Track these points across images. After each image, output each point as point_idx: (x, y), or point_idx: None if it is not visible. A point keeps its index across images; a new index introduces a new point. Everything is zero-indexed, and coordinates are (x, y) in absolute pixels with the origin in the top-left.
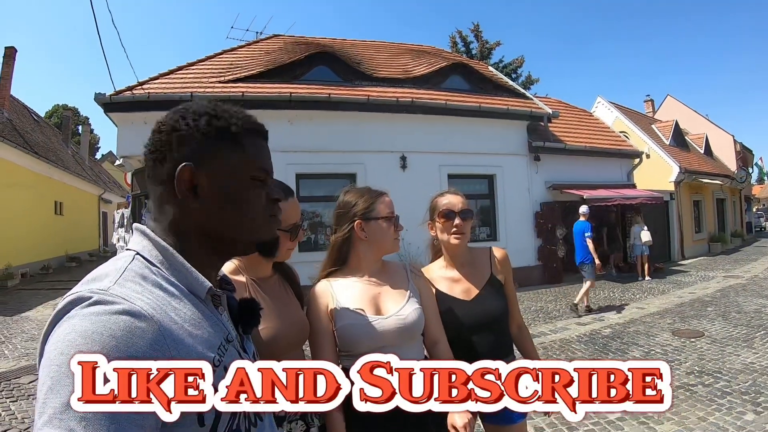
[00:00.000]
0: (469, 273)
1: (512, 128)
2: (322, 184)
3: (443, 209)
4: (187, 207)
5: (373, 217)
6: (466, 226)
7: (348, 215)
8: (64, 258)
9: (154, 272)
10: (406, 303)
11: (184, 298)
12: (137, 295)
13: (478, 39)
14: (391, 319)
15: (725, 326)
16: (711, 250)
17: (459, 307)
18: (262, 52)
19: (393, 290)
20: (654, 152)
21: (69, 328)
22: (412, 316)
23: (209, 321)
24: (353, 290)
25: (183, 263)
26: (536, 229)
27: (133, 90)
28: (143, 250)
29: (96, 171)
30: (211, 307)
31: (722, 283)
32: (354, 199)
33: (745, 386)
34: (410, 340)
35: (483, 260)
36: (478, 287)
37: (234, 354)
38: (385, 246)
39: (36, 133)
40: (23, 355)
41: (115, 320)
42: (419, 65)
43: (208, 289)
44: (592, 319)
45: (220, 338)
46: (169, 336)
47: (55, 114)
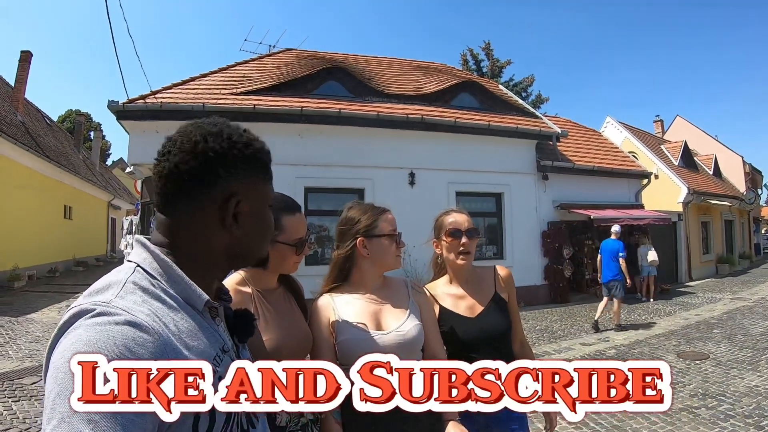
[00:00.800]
0: (473, 290)
1: (521, 147)
2: (330, 198)
3: (450, 228)
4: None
5: (376, 235)
6: (472, 244)
7: (350, 232)
8: (71, 262)
9: (154, 284)
10: (407, 319)
11: (182, 310)
12: (138, 307)
13: (489, 57)
14: (391, 335)
15: (731, 349)
16: (719, 271)
17: (463, 324)
18: (274, 66)
19: (394, 306)
20: (662, 173)
21: (74, 338)
22: (412, 332)
23: (206, 332)
24: (355, 305)
25: (182, 276)
26: (543, 248)
27: (146, 99)
28: (143, 262)
29: (106, 177)
30: (208, 319)
31: (729, 306)
32: (357, 215)
33: (749, 409)
34: (410, 355)
35: (487, 278)
36: (482, 304)
37: (229, 363)
38: (386, 263)
39: (48, 137)
40: (27, 356)
41: (118, 330)
42: (429, 82)
43: (205, 301)
44: (596, 340)
45: (217, 348)
46: (169, 346)
47: (68, 119)
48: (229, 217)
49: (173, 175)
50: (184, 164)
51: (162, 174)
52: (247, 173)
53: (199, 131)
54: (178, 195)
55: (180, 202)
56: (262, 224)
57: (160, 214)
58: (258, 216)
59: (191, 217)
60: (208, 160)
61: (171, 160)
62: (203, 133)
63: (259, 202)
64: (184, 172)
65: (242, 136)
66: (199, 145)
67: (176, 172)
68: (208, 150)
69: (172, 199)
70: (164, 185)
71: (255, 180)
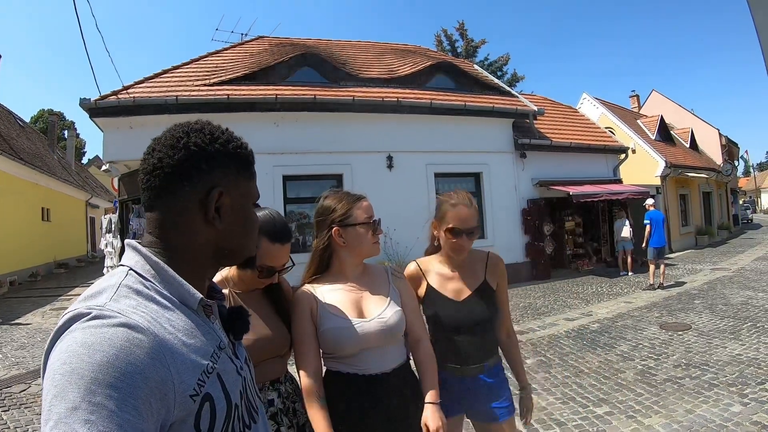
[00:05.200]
0: (463, 274)
1: (498, 126)
2: (309, 186)
3: (451, 226)
4: (209, 227)
5: (351, 224)
6: (471, 243)
7: (326, 222)
8: (52, 264)
9: (148, 286)
10: (388, 306)
11: (177, 310)
12: (132, 309)
13: (464, 37)
14: (373, 322)
15: (712, 319)
16: (698, 242)
17: (448, 306)
18: (246, 54)
19: (375, 293)
20: (640, 147)
21: (71, 341)
22: (393, 318)
23: (202, 330)
24: (336, 294)
25: (174, 277)
26: (524, 225)
27: (118, 94)
28: (136, 265)
29: (83, 176)
30: (203, 317)
31: (709, 276)
32: (332, 204)
33: (732, 378)
34: (392, 341)
35: (479, 264)
36: (469, 289)
37: (226, 360)
38: (364, 251)
39: (22, 139)
40: (14, 364)
41: (113, 332)
42: (404, 65)
43: (199, 300)
44: (580, 315)
45: (213, 346)
46: (165, 346)
47: (41, 119)
48: (211, 210)
49: (157, 170)
50: (167, 158)
51: (147, 170)
52: (229, 167)
53: (182, 128)
54: (163, 191)
55: (165, 198)
56: (245, 219)
57: (148, 213)
58: (240, 211)
59: (177, 213)
60: (190, 154)
61: (155, 155)
62: (186, 129)
63: (241, 198)
64: (167, 165)
65: (224, 133)
66: (181, 140)
67: (159, 166)
68: (190, 144)
69: (157, 195)
70: (149, 181)
71: (237, 175)
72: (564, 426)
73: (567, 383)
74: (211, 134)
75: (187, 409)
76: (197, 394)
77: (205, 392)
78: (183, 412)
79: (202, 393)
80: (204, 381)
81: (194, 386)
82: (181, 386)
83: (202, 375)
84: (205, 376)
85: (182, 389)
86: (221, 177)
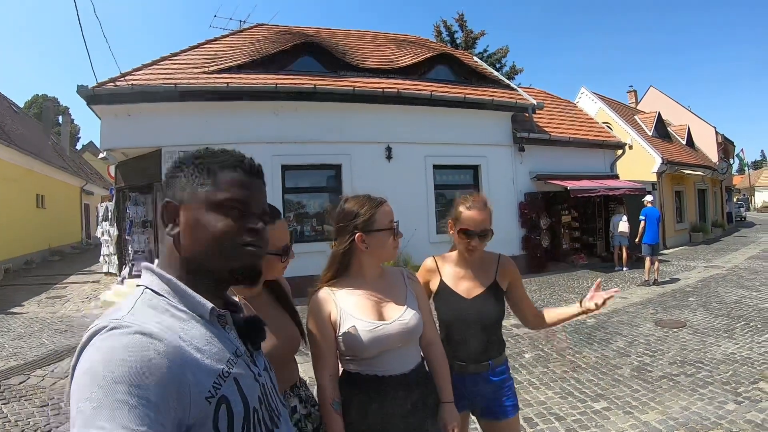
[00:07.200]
0: (475, 274)
1: (497, 119)
2: (307, 175)
3: (464, 227)
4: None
5: (375, 229)
6: (483, 244)
7: (348, 228)
8: (47, 252)
9: (162, 302)
10: (407, 308)
11: (191, 320)
12: (148, 320)
13: (463, 29)
14: (395, 324)
15: (706, 317)
16: (692, 239)
17: (457, 303)
18: (246, 42)
19: (393, 296)
20: (637, 143)
21: (93, 350)
22: (413, 320)
23: (217, 338)
24: (356, 297)
25: (185, 290)
26: (520, 219)
27: (116, 81)
28: (151, 284)
29: (77, 162)
30: (217, 327)
31: (703, 273)
32: (355, 208)
33: (726, 376)
34: (410, 343)
35: (491, 265)
36: (480, 289)
37: (243, 366)
38: (385, 254)
39: (16, 125)
40: (11, 355)
41: (131, 338)
42: (404, 55)
43: (210, 309)
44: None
45: (229, 353)
46: (180, 351)
47: (35, 104)
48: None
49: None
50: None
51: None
52: (184, 178)
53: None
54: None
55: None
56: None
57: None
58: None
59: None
60: (169, 180)
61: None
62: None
63: (191, 202)
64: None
65: (200, 151)
66: (168, 173)
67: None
68: (169, 171)
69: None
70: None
71: (189, 183)
72: (563, 421)
73: (565, 378)
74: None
75: (204, 411)
76: (213, 396)
77: (221, 394)
78: (200, 413)
79: (218, 395)
80: (220, 384)
81: (210, 388)
82: (196, 387)
83: (217, 378)
84: (220, 379)
85: (198, 390)
86: (177, 189)
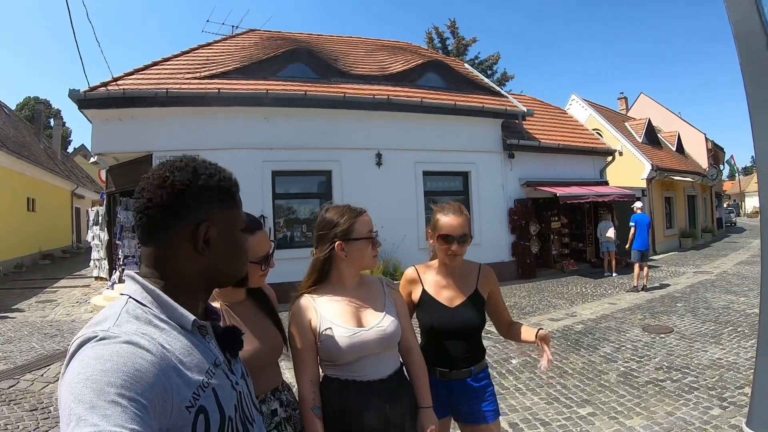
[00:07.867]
0: (457, 283)
1: (487, 126)
2: (297, 181)
3: (443, 233)
4: (199, 257)
5: (353, 238)
6: (462, 249)
7: (328, 236)
8: (37, 255)
9: (146, 312)
10: (385, 315)
11: (173, 331)
12: (133, 332)
13: (455, 35)
14: (372, 331)
15: (694, 322)
16: (682, 245)
17: (440, 312)
18: (237, 48)
19: (371, 303)
20: (627, 150)
21: (83, 357)
22: (391, 327)
23: (198, 349)
24: (335, 304)
25: (168, 302)
26: (510, 225)
27: (107, 86)
28: (134, 293)
29: (68, 165)
30: (198, 337)
31: (692, 279)
32: (335, 218)
33: (712, 382)
34: (388, 349)
35: (472, 274)
36: (461, 298)
37: (221, 376)
38: (364, 263)
39: (7, 128)
40: (1, 359)
41: (120, 347)
42: (395, 62)
43: (192, 321)
44: (564, 315)
45: (209, 363)
46: (165, 361)
47: (26, 107)
48: (200, 243)
49: (148, 209)
50: (156, 198)
51: (138, 209)
52: (213, 201)
53: (167, 167)
54: (155, 227)
55: (158, 234)
56: (233, 247)
57: (143, 247)
58: (228, 239)
59: (169, 246)
60: (176, 193)
61: (145, 195)
62: (171, 168)
63: (227, 226)
64: (156, 205)
65: (207, 168)
66: (167, 180)
67: (149, 206)
68: (175, 183)
69: (150, 231)
70: (141, 219)
71: (221, 206)
72: (548, 426)
73: (551, 383)
74: (195, 171)
75: (183, 419)
76: (192, 406)
77: (200, 404)
78: (179, 421)
79: (197, 405)
80: (199, 395)
81: (190, 398)
82: (178, 397)
83: (197, 389)
84: (200, 390)
85: (179, 400)
86: (207, 211)
